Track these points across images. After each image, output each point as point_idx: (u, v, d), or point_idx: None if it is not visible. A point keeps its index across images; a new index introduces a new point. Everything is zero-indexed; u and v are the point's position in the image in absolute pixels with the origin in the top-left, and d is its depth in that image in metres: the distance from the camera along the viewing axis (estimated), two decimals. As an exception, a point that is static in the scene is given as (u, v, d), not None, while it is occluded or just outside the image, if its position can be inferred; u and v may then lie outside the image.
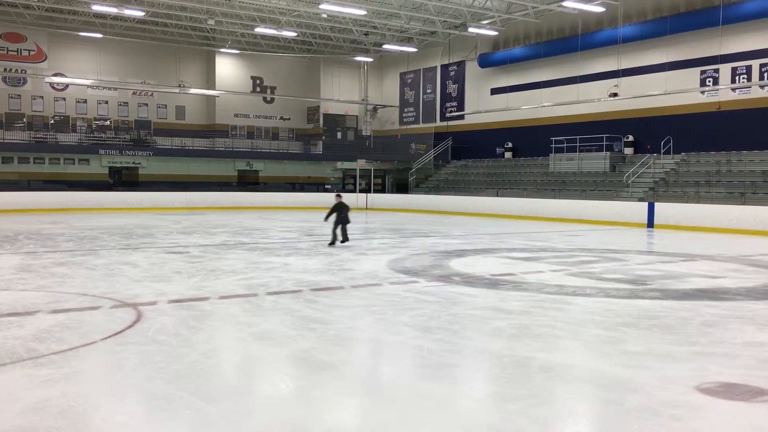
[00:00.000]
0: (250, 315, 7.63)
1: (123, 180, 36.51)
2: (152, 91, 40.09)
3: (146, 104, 40.62)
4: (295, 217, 27.43)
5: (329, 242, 15.00)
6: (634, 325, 7.25)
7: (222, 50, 40.79)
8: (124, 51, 38.99)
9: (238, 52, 41.10)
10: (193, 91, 39.82)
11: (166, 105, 41.13)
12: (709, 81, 26.73)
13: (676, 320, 7.50)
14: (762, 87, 25.17)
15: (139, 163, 36.83)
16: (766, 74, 25.00)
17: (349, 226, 15.13)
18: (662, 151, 27.77)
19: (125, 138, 37.94)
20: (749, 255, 14.44)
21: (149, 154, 36.70)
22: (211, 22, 35.00)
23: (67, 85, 37.91)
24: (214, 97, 41.45)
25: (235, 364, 5.94)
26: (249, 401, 4.76)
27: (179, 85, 38.75)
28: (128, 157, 36.24)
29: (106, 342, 6.29)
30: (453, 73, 39.15)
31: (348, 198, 36.11)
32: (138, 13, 32.56)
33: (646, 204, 23.84)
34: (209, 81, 41.89)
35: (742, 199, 22.44)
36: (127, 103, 40.09)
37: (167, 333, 6.62)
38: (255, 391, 5.09)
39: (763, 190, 22.54)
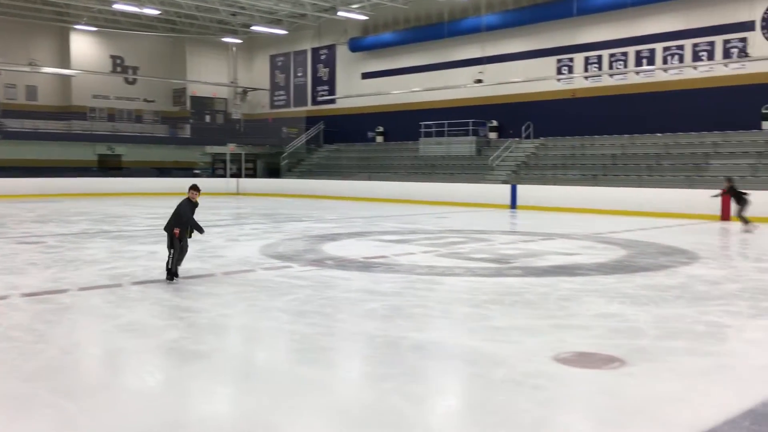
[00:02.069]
0: (114, 306, 7.28)
1: (-33, 165, 33.49)
2: (-2, 69, 36.95)
3: (-8, 83, 37.42)
4: (161, 203, 26.36)
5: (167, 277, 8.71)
6: (499, 301, 7.62)
7: (77, 27, 38.21)
8: (-36, 25, 35.64)
9: (95, 29, 38.68)
10: (45, 69, 37.10)
11: (15, 84, 38.04)
12: (565, 69, 28.35)
13: (536, 296, 7.95)
14: (611, 75, 27.04)
15: (-15, 147, 33.92)
16: (614, 64, 26.87)
17: (218, 212, 14.61)
18: (523, 136, 29.20)
19: (-32, 120, 34.79)
20: (601, 233, 15.54)
21: (-4, 137, 33.87)
22: (64, -4, 32.70)
23: None
24: (69, 76, 38.84)
25: (98, 359, 5.65)
26: (114, 396, 4.56)
27: (29, 64, 35.98)
28: (-28, 140, 33.25)
29: (-49, 342, 5.78)
30: (324, 56, 39.01)
31: (217, 183, 35.51)
32: (-21, -16, 29.84)
33: (509, 186, 25.02)
34: (63, 59, 39.16)
35: (594, 180, 24.06)
36: (-31, 81, 36.75)
37: (21, 329, 6.19)
38: (120, 385, 4.87)
39: (612, 172, 24.28)
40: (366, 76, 36.49)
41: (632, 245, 13.02)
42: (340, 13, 33.21)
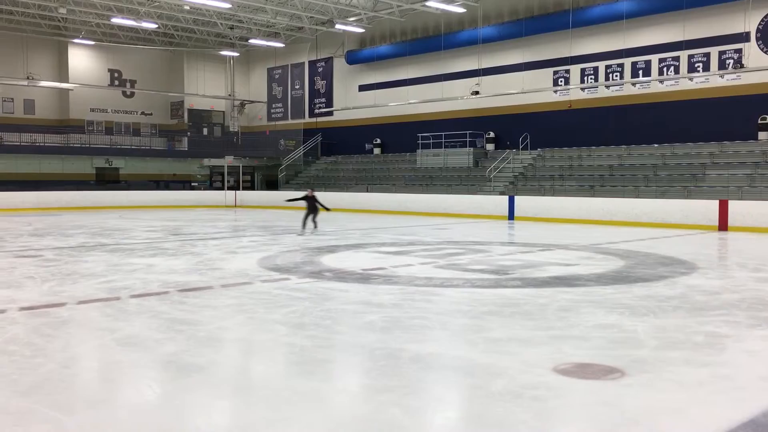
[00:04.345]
0: (112, 320, 7.25)
1: (-36, 179, 33.48)
2: (-4, 83, 37.05)
3: (-11, 97, 37.49)
4: (159, 216, 26.37)
5: None
6: (497, 313, 7.60)
7: (75, 41, 38.37)
8: (-37, 39, 35.74)
9: (93, 43, 38.83)
10: (43, 83, 37.21)
11: (12, 98, 38.16)
12: (561, 81, 28.47)
13: (535, 307, 7.93)
14: (607, 87, 27.15)
15: (-17, 161, 33.94)
16: (610, 75, 26.99)
17: (215, 225, 14.67)
18: (520, 147, 29.27)
19: (-35, 134, 34.82)
20: (598, 243, 15.54)
21: (-6, 151, 33.90)
22: (62, 10, 32.83)
23: None
24: (67, 90, 38.92)
25: (96, 372, 5.63)
26: (112, 410, 4.53)
27: (27, 77, 36.07)
28: (-30, 154, 33.27)
29: (-52, 356, 5.75)
30: (321, 69, 39.15)
31: (215, 196, 35.50)
32: (-22, -2, 29.95)
33: (506, 197, 25.05)
34: (61, 73, 39.29)
35: (591, 191, 24.10)
36: (-34, 95, 36.83)
37: (19, 343, 6.16)
38: (118, 400, 4.84)
39: (609, 183, 24.33)
40: (363, 88, 36.61)
41: (630, 256, 13.02)
42: (337, 26, 33.38)
